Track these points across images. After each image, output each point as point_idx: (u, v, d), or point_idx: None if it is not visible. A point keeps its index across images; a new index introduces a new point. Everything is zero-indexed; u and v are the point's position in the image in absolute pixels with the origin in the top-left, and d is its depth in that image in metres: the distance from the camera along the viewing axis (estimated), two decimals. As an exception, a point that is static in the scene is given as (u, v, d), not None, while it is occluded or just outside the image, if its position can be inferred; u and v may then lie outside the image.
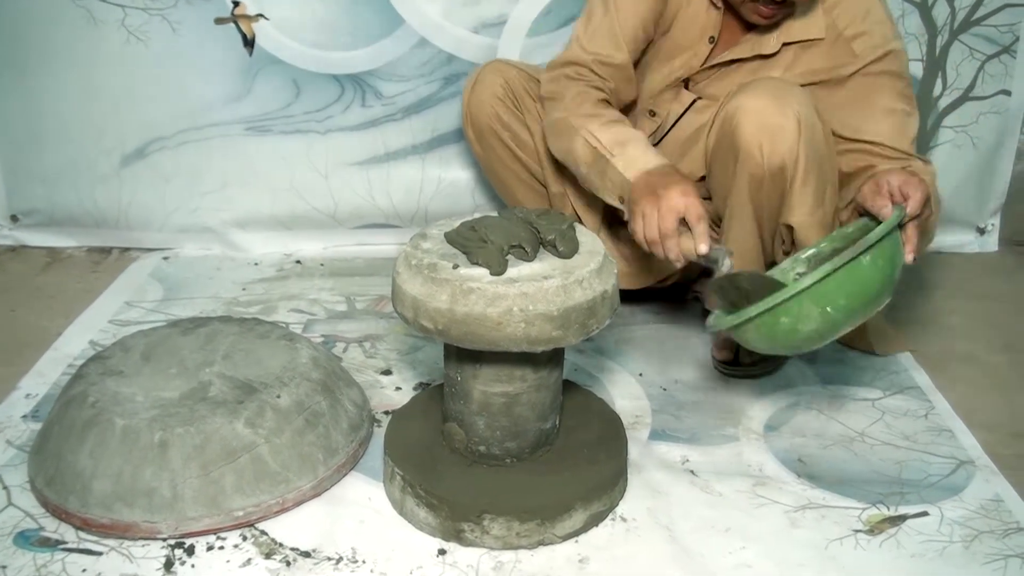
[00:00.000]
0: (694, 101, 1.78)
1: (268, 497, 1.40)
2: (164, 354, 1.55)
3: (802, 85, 1.64)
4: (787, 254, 1.67)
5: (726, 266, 1.39)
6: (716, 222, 1.84)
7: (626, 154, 1.56)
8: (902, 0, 2.24)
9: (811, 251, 1.56)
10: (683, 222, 1.43)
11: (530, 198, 1.98)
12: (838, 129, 1.65)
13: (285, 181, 2.34)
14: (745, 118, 1.56)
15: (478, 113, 1.90)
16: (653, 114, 1.82)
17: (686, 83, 1.78)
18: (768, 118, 1.54)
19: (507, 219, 1.37)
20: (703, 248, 1.41)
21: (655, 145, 1.83)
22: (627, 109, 1.85)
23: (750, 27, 1.71)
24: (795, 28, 1.68)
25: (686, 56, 1.77)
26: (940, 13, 2.26)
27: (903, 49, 1.69)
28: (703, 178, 1.75)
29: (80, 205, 2.35)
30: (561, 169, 1.85)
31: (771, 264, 1.70)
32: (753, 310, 1.29)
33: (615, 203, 1.58)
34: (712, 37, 1.74)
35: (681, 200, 1.42)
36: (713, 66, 1.75)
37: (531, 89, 1.89)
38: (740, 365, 1.83)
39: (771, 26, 1.69)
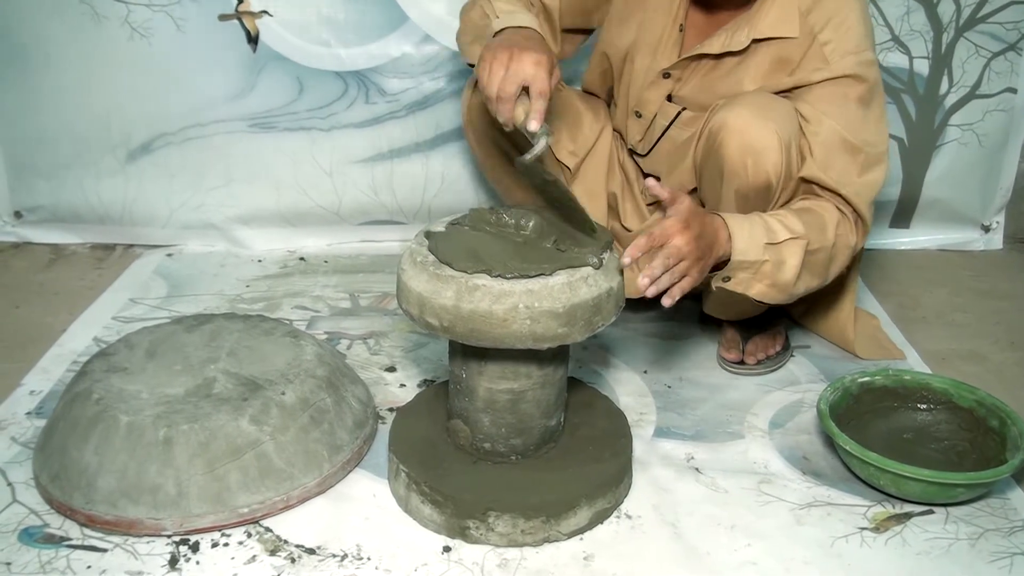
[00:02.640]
0: (679, 113, 1.75)
1: (273, 494, 1.40)
2: (168, 351, 1.55)
3: (777, 93, 1.63)
4: None
5: (541, 145, 1.38)
6: None
7: (506, 15, 1.57)
8: (907, -3, 2.25)
9: (866, 378, 1.65)
10: (527, 91, 1.42)
11: (532, 202, 1.94)
12: None
13: (289, 178, 2.34)
14: (729, 137, 1.56)
15: (478, 118, 1.85)
16: (639, 115, 1.80)
17: (666, 75, 1.74)
18: (751, 137, 1.54)
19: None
20: (533, 126, 1.39)
21: (645, 155, 1.83)
22: (615, 109, 1.85)
23: (714, 15, 1.68)
24: (765, 24, 1.62)
25: (661, 47, 1.73)
26: (946, 10, 2.26)
27: (874, 62, 1.62)
28: (694, 190, 1.74)
29: (84, 202, 2.35)
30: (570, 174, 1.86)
31: None
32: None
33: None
34: (681, 25, 1.71)
35: (531, 69, 1.41)
36: (689, 58, 1.70)
37: None
38: (746, 364, 1.83)
39: (732, 9, 1.65)
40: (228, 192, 2.34)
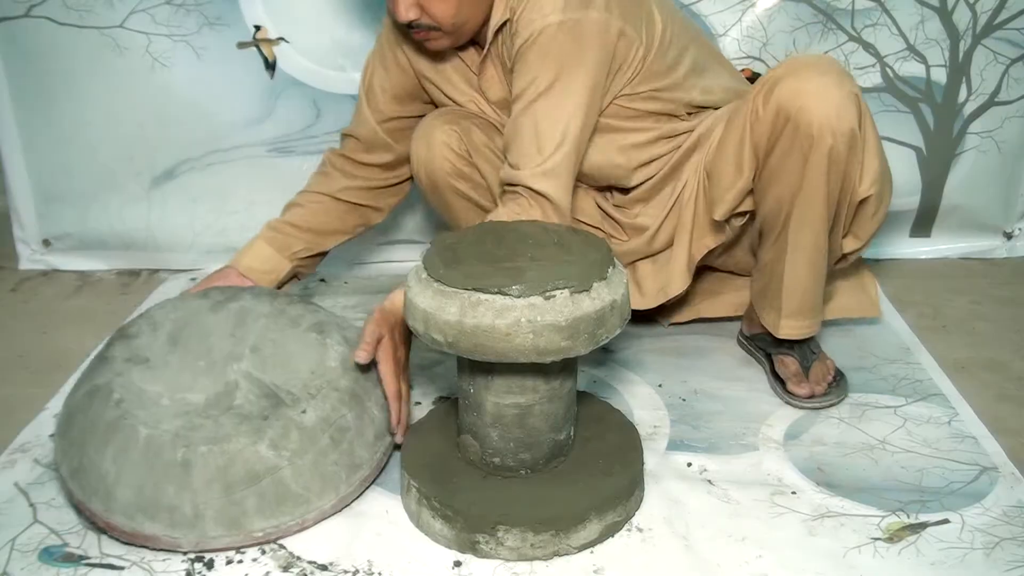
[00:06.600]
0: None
1: (289, 519, 1.40)
2: (192, 337, 1.52)
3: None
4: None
5: None
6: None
7: (242, 250, 1.86)
8: (921, 6, 2.23)
9: None
10: None
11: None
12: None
13: (309, 200, 2.36)
14: (809, 101, 1.55)
15: (434, 170, 1.84)
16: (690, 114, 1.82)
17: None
18: (829, 92, 1.54)
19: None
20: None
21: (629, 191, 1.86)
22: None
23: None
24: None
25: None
26: (961, 18, 2.24)
27: (572, 20, 1.61)
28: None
29: (110, 228, 2.40)
30: None
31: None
32: None
33: None
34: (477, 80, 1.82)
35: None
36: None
37: (481, 126, 1.85)
38: (816, 396, 1.76)
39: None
40: (250, 215, 2.36)
